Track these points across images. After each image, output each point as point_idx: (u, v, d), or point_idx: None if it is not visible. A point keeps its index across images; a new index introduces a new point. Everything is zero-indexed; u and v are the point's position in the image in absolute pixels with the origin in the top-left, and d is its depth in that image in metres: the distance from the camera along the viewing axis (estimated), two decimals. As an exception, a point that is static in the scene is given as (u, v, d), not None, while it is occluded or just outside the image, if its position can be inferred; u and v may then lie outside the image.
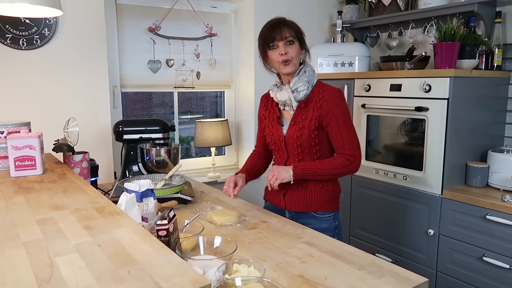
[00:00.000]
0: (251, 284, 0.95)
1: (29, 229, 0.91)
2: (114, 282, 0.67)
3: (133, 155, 2.04)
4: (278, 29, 1.50)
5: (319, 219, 1.61)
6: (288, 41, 1.51)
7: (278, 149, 1.65)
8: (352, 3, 2.99)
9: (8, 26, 2.10)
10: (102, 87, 2.39)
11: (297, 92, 1.55)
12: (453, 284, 2.07)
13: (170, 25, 2.77)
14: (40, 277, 0.68)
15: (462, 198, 1.99)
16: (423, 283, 1.06)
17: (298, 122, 1.57)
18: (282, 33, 1.50)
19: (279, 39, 1.50)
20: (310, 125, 1.54)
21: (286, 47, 1.51)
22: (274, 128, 1.64)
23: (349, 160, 1.53)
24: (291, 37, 1.51)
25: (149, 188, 1.31)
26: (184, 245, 1.18)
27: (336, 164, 1.53)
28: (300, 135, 1.55)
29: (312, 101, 1.56)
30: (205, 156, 3.17)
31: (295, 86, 1.55)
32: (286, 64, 1.52)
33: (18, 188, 1.26)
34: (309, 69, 1.59)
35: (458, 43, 2.13)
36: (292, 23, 1.55)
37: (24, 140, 1.42)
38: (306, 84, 1.55)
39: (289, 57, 1.51)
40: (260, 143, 1.79)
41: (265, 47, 1.55)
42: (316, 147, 1.57)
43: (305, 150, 1.57)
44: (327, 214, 1.61)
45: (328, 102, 1.53)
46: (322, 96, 1.55)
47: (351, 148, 1.54)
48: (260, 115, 1.75)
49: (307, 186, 1.60)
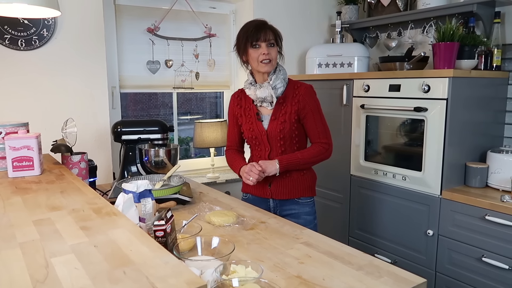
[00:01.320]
0: (248, 285, 0.94)
1: (26, 230, 0.90)
2: (110, 283, 0.67)
3: (132, 155, 2.04)
4: (263, 31, 1.64)
5: (302, 204, 1.78)
6: (270, 43, 1.65)
7: (259, 143, 1.77)
8: (351, 3, 2.99)
9: (7, 26, 2.10)
10: (101, 87, 2.38)
11: (276, 89, 1.69)
12: (452, 284, 2.07)
13: (169, 26, 2.77)
14: (35, 278, 0.68)
15: (461, 199, 1.99)
16: (421, 283, 1.06)
17: (278, 117, 1.71)
18: (266, 35, 1.64)
19: (263, 40, 1.64)
20: (290, 119, 1.69)
21: (268, 48, 1.65)
22: (253, 124, 1.76)
23: (325, 148, 1.73)
24: (273, 40, 1.66)
25: (147, 189, 1.30)
26: (182, 245, 1.17)
27: (314, 153, 1.71)
28: (282, 128, 1.70)
29: (289, 97, 1.71)
30: (204, 156, 3.17)
31: (274, 83, 1.68)
32: (266, 63, 1.65)
33: (15, 189, 1.26)
34: (283, 69, 1.75)
35: (457, 44, 2.13)
36: (274, 27, 1.69)
37: (22, 140, 1.42)
38: (283, 81, 1.71)
39: (270, 57, 1.65)
40: (235, 139, 1.87)
41: (247, 45, 1.66)
42: (296, 139, 1.73)
43: (287, 142, 1.72)
44: (308, 199, 1.80)
45: (304, 97, 1.70)
46: (298, 91, 1.71)
47: (325, 136, 1.74)
48: (234, 113, 1.84)
49: (290, 175, 1.75)
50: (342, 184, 2.64)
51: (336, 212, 2.68)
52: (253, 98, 1.74)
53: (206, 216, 1.52)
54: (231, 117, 1.86)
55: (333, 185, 2.70)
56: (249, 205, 1.72)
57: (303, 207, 1.79)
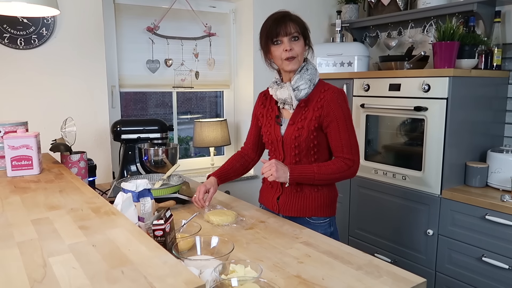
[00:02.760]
0: (247, 284, 0.94)
1: (24, 229, 0.90)
2: (108, 283, 0.66)
3: (131, 155, 2.04)
4: (283, 24, 1.43)
5: (314, 225, 1.54)
6: (293, 37, 1.44)
7: (274, 149, 1.60)
8: (351, 2, 2.98)
9: (6, 25, 2.09)
10: (100, 86, 2.38)
11: (298, 90, 1.49)
12: (452, 284, 2.07)
13: (169, 25, 2.77)
14: (33, 278, 0.68)
15: (461, 198, 1.99)
16: (421, 283, 1.06)
17: (297, 122, 1.51)
18: (287, 28, 1.43)
19: (283, 34, 1.43)
20: (309, 126, 1.48)
21: (291, 43, 1.44)
22: (272, 127, 1.58)
23: (347, 165, 1.47)
24: (296, 33, 1.44)
25: (146, 188, 1.30)
26: (181, 245, 1.17)
27: (334, 169, 1.47)
28: (298, 135, 1.49)
29: (313, 101, 1.50)
30: (204, 156, 3.16)
31: (296, 84, 1.48)
32: (290, 60, 1.45)
33: (14, 188, 1.26)
34: (311, 67, 1.52)
35: (457, 43, 2.12)
36: (297, 17, 1.47)
37: (20, 139, 1.42)
38: (308, 82, 1.49)
39: (294, 53, 1.44)
40: (250, 141, 1.74)
41: (268, 42, 1.47)
42: (314, 149, 1.51)
43: (302, 151, 1.51)
44: (322, 220, 1.56)
45: (329, 103, 1.47)
46: (324, 96, 1.48)
47: (350, 152, 1.48)
48: (256, 113, 1.69)
49: (302, 190, 1.54)
50: (342, 183, 2.63)
51: (336, 211, 2.67)
52: (275, 98, 1.56)
53: (205, 215, 1.52)
54: (253, 117, 1.71)
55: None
56: (249, 205, 1.71)
57: (315, 228, 1.49)
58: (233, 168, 1.70)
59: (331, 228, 1.59)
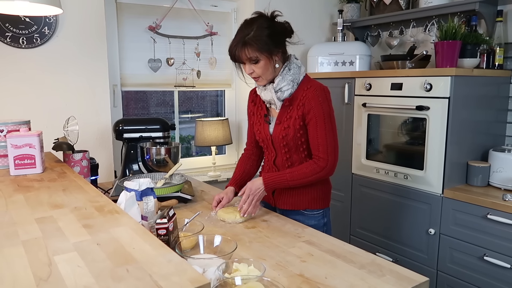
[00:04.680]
0: (251, 283, 0.94)
1: (28, 228, 0.90)
2: (113, 281, 0.67)
3: (133, 154, 2.04)
4: (241, 50, 1.45)
5: (308, 216, 1.61)
6: (252, 61, 1.47)
7: (266, 147, 1.66)
8: (353, 2, 2.98)
9: (8, 24, 2.10)
10: (102, 85, 2.38)
11: (281, 92, 1.52)
12: (454, 283, 2.07)
13: (171, 24, 2.77)
14: (38, 276, 0.68)
15: (463, 198, 1.99)
16: (424, 282, 1.06)
17: (283, 122, 1.55)
18: (244, 54, 1.45)
19: (243, 59, 1.47)
20: (295, 125, 1.52)
21: (252, 66, 1.48)
22: (261, 126, 1.64)
23: (320, 167, 1.50)
24: (254, 56, 1.45)
25: (149, 187, 1.30)
26: (184, 244, 1.17)
27: (307, 172, 1.51)
28: (285, 134, 1.54)
29: (297, 99, 1.52)
30: (206, 155, 3.17)
31: (278, 86, 1.51)
32: (256, 80, 1.53)
33: (17, 187, 1.26)
34: (294, 66, 1.53)
35: (459, 42, 2.12)
36: (254, 39, 1.43)
37: (23, 138, 1.42)
38: (291, 83, 1.51)
39: (255, 75, 1.50)
40: (250, 140, 1.78)
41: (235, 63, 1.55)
42: (303, 146, 1.55)
43: (292, 149, 1.57)
44: (315, 212, 1.62)
45: (310, 100, 1.49)
46: (306, 94, 1.50)
47: (325, 151, 1.49)
48: (248, 111, 1.73)
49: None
50: (343, 182, 2.63)
51: (338, 210, 2.68)
52: (262, 98, 1.61)
53: (218, 213, 1.54)
54: (248, 115, 1.74)
55: (334, 183, 2.68)
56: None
57: (309, 219, 1.59)
58: (245, 172, 1.74)
59: (325, 219, 1.65)
